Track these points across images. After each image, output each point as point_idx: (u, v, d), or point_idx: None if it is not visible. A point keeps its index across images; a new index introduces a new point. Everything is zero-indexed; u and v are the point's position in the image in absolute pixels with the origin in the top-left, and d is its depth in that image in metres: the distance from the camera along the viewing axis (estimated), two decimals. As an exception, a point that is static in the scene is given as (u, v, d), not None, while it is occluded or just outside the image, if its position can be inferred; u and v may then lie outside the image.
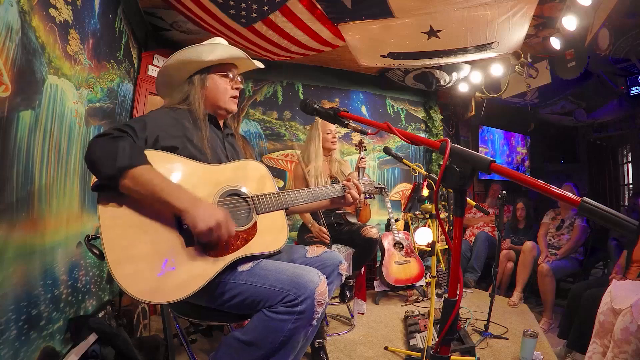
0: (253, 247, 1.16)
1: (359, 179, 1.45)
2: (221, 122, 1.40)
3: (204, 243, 1.06)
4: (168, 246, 1.01)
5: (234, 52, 1.34)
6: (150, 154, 1.05)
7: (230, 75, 1.35)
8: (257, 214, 1.20)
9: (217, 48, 1.31)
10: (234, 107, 1.37)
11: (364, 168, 2.42)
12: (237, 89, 1.37)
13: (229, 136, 1.42)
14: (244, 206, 1.19)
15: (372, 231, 2.40)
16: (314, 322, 1.07)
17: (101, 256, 0.97)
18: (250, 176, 1.26)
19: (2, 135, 1.15)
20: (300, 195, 1.30)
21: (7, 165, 1.20)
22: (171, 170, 1.09)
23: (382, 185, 1.61)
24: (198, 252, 1.05)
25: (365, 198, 1.52)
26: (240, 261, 1.13)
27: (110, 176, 0.96)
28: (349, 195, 1.43)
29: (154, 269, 0.97)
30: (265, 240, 1.20)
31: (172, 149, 1.14)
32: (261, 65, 1.44)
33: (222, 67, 1.33)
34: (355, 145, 2.58)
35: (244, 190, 1.21)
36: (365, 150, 2.52)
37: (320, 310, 1.07)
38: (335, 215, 2.60)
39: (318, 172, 2.44)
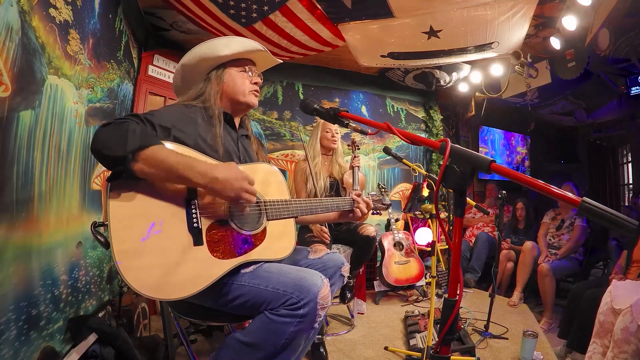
0: (260, 253, 1.16)
1: (356, 185, 1.43)
2: (237, 122, 1.36)
3: (212, 243, 1.05)
4: (176, 243, 1.01)
5: (251, 44, 1.31)
6: (165, 145, 1.02)
7: (248, 69, 1.32)
8: (268, 220, 1.19)
9: (233, 41, 1.28)
10: (254, 100, 1.32)
11: (358, 167, 2.44)
12: (255, 83, 1.33)
13: (243, 137, 1.37)
14: (255, 210, 1.18)
15: (369, 229, 2.40)
16: (316, 325, 1.07)
17: (106, 244, 0.95)
18: (264, 180, 1.24)
19: (2, 135, 1.15)
20: (312, 205, 1.29)
21: (7, 165, 1.20)
22: None
23: (389, 202, 1.62)
24: (205, 252, 1.04)
25: (373, 213, 1.54)
26: (243, 263, 1.12)
27: (122, 159, 0.92)
28: (357, 210, 1.43)
29: (159, 265, 0.97)
30: (273, 246, 1.19)
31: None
32: (279, 61, 1.41)
33: (238, 62, 1.31)
34: (349, 145, 2.60)
35: (256, 193, 1.20)
36: (359, 149, 2.55)
37: (323, 314, 1.06)
38: None
39: (317, 169, 2.48)
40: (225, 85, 1.29)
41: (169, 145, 1.04)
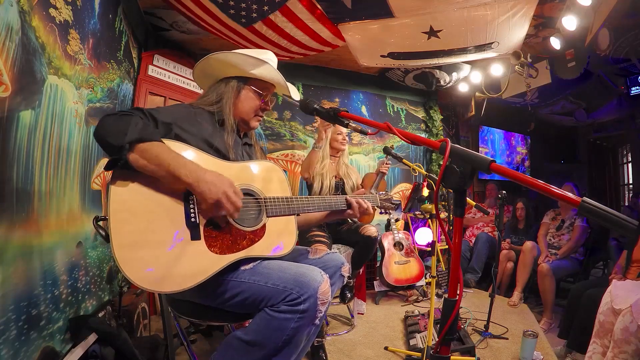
0: (258, 249, 1.16)
1: (374, 188, 1.41)
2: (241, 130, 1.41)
3: (210, 238, 1.06)
4: (173, 238, 1.01)
5: (276, 76, 1.34)
6: (165, 142, 1.03)
7: (264, 95, 1.36)
8: (267, 217, 1.19)
9: (263, 66, 1.30)
10: (256, 124, 1.38)
11: (384, 173, 2.45)
12: (264, 109, 1.37)
13: (246, 145, 1.42)
14: (254, 207, 1.18)
15: (371, 229, 2.40)
16: (317, 321, 1.07)
17: (107, 237, 0.96)
18: (265, 177, 1.25)
19: (2, 135, 1.15)
20: (313, 203, 1.30)
21: (7, 165, 1.20)
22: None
23: (399, 201, 1.61)
24: (202, 247, 1.05)
25: (381, 213, 1.53)
26: (242, 260, 1.12)
27: (119, 148, 0.95)
28: (350, 211, 1.43)
29: (156, 259, 0.97)
30: (272, 243, 1.19)
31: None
32: (297, 98, 1.43)
33: (260, 84, 1.34)
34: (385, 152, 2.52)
35: (256, 190, 1.20)
36: (391, 156, 2.48)
37: (323, 309, 1.06)
38: None
39: (324, 170, 2.49)
40: (239, 101, 1.32)
41: (170, 142, 1.05)
